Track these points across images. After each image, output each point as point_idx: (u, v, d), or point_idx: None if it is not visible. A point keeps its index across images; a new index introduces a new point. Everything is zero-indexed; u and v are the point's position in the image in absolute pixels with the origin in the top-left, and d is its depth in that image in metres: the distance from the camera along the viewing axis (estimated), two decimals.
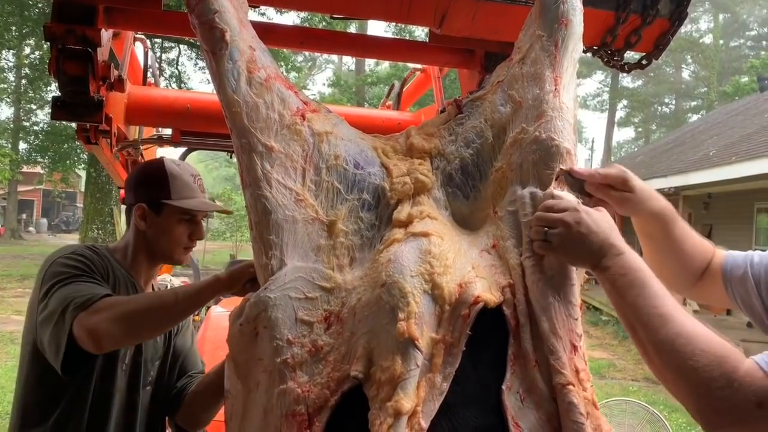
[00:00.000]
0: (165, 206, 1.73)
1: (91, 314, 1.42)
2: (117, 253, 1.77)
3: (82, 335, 1.42)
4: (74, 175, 28.23)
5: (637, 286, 1.09)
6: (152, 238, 1.75)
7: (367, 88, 26.45)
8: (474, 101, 1.50)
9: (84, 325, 1.42)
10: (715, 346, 0.96)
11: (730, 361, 0.92)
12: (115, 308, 1.44)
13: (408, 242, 1.28)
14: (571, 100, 1.42)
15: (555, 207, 1.22)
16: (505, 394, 1.16)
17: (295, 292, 1.27)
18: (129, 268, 1.76)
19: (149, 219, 1.74)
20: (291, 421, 1.16)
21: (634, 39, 1.91)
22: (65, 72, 1.58)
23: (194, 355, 1.95)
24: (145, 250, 1.77)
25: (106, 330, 1.41)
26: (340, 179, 1.39)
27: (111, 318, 1.42)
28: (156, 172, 1.75)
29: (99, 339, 1.42)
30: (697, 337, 0.98)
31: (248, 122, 1.33)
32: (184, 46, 18.48)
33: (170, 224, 1.74)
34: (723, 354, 0.94)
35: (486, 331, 1.20)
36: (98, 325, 1.41)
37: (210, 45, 1.32)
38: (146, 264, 1.80)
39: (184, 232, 1.76)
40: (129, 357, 1.70)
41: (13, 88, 24.44)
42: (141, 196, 1.75)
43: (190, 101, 2.33)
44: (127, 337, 1.49)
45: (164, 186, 1.72)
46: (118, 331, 1.43)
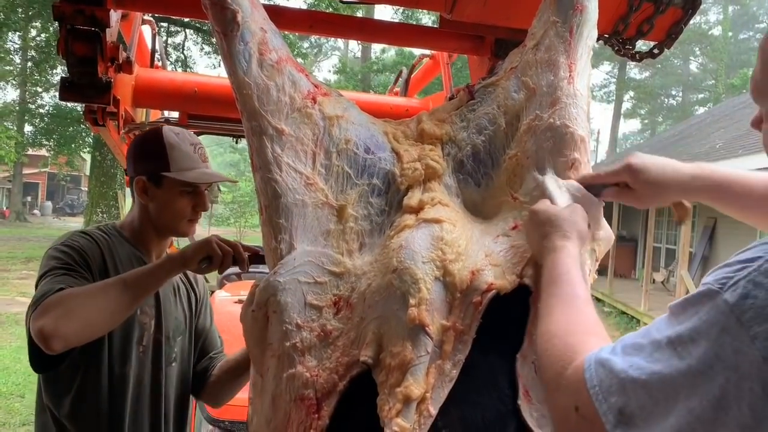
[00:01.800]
0: (164, 178, 1.66)
1: (39, 314, 1.35)
2: (125, 230, 1.73)
3: (34, 336, 1.36)
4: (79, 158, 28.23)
5: (546, 283, 1.05)
6: (155, 211, 1.70)
7: (373, 76, 26.33)
8: (486, 87, 1.49)
9: (33, 327, 1.35)
10: (567, 341, 0.87)
11: (564, 359, 0.83)
12: (63, 304, 1.36)
13: (420, 228, 1.27)
14: (585, 87, 1.40)
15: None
16: (519, 363, 1.16)
17: (304, 277, 1.27)
18: (137, 243, 1.72)
19: (150, 192, 1.68)
20: (299, 405, 1.16)
21: (647, 27, 1.89)
22: (74, 52, 1.57)
23: (214, 335, 1.94)
24: (150, 224, 1.72)
25: (51, 330, 1.33)
26: (351, 164, 1.38)
27: (57, 316, 1.34)
28: (153, 142, 1.68)
29: (46, 340, 1.33)
30: (557, 334, 0.90)
31: (259, 105, 1.32)
32: (190, 30, 18.42)
33: (172, 197, 1.67)
34: (562, 351, 0.85)
35: (498, 319, 1.19)
36: (43, 325, 1.33)
37: (221, 26, 1.31)
38: (154, 238, 1.75)
39: (187, 204, 1.70)
40: (148, 338, 1.66)
41: (18, 71, 24.40)
42: (140, 168, 1.69)
43: (198, 85, 2.32)
44: (77, 334, 1.38)
45: (162, 157, 1.65)
46: (68, 330, 1.34)
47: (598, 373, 0.75)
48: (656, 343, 0.72)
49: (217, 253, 1.50)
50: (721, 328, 0.66)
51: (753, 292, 0.65)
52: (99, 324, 1.42)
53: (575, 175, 1.32)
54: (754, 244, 0.70)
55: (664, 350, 0.70)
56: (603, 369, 0.75)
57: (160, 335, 1.69)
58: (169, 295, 1.75)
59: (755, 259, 0.67)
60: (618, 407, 0.72)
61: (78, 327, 1.36)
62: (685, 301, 0.72)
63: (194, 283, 1.89)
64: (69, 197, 42.34)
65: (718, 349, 0.66)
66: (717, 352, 0.66)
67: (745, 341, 0.63)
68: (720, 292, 0.67)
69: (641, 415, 0.70)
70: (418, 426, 1.10)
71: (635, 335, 0.76)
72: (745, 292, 0.65)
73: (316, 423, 1.14)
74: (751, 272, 0.66)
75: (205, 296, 1.94)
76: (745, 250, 0.70)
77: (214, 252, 1.49)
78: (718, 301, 0.67)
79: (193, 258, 1.49)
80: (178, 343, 1.77)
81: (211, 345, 1.91)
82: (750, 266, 0.66)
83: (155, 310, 1.69)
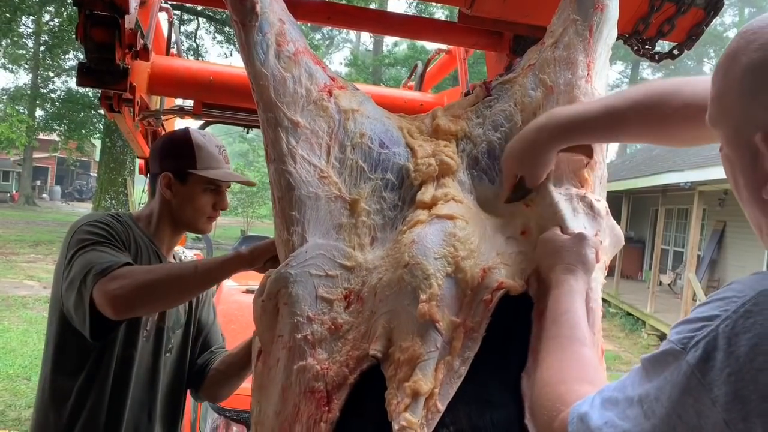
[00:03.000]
0: (190, 175, 1.74)
1: (110, 281, 1.43)
2: (141, 221, 1.78)
3: (101, 302, 1.43)
4: (89, 144, 28.34)
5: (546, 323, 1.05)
6: (177, 207, 1.76)
7: (384, 69, 26.28)
8: (503, 84, 1.47)
9: (103, 292, 1.43)
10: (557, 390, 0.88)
11: (552, 410, 0.84)
12: (134, 276, 1.44)
13: (432, 224, 1.26)
14: (603, 87, 1.39)
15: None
16: (524, 381, 1.16)
17: (315, 269, 1.27)
18: (152, 236, 1.77)
19: (174, 188, 1.75)
20: (309, 398, 1.17)
21: (667, 28, 1.87)
22: (92, 38, 1.57)
23: (216, 331, 1.98)
24: (169, 219, 1.78)
25: (123, 297, 1.42)
26: (365, 158, 1.37)
27: (129, 286, 1.42)
28: (182, 141, 1.77)
29: (116, 306, 1.43)
30: (549, 382, 0.91)
31: (275, 96, 1.32)
32: (202, 19, 18.42)
33: (195, 194, 1.75)
34: (552, 402, 0.86)
35: (509, 318, 1.19)
36: (116, 292, 1.41)
37: (240, 16, 1.30)
38: (169, 232, 1.81)
39: (209, 202, 1.77)
40: (151, 324, 1.72)
41: (31, 55, 24.49)
42: (167, 165, 1.76)
43: (213, 74, 2.31)
44: (144, 305, 1.50)
45: (190, 155, 1.74)
46: (136, 299, 1.44)
47: (579, 428, 0.76)
48: (629, 399, 0.73)
49: None
50: (684, 389, 0.66)
51: (713, 354, 0.64)
52: (166, 299, 1.53)
53: (590, 173, 1.31)
54: (711, 297, 0.70)
55: (634, 408, 0.71)
56: (582, 424, 0.76)
57: (162, 323, 1.75)
58: None
59: (713, 317, 0.66)
60: None
61: (148, 298, 1.47)
62: (653, 357, 0.73)
63: None
64: (78, 182, 42.55)
65: (681, 411, 0.66)
66: (680, 413, 0.66)
67: (706, 404, 0.63)
68: (683, 352, 0.67)
69: None
70: (425, 421, 1.10)
71: (614, 387, 0.77)
72: (704, 355, 0.65)
73: (326, 416, 1.15)
74: (710, 332, 0.65)
75: (207, 293, 1.97)
76: (704, 304, 0.70)
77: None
78: (681, 362, 0.67)
79: (261, 257, 1.53)
80: (176, 335, 1.83)
81: (212, 340, 1.94)
82: (708, 326, 0.66)
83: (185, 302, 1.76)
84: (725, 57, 0.78)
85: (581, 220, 1.24)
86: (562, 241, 1.15)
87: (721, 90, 0.78)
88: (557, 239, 1.16)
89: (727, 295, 0.67)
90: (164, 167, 1.76)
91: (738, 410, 0.61)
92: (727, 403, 0.62)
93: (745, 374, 0.61)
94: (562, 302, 1.05)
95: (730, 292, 0.68)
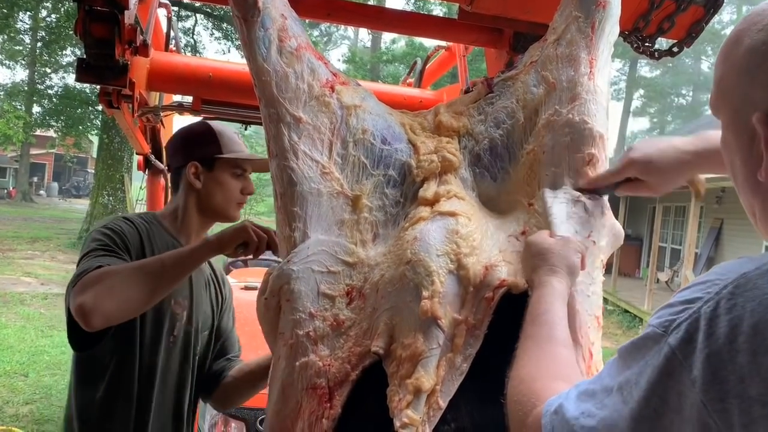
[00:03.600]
0: (217, 161, 1.73)
1: (79, 290, 1.36)
2: (165, 219, 1.76)
3: (74, 313, 1.37)
4: (87, 140, 28.27)
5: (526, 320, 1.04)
6: (206, 195, 1.74)
7: (382, 66, 26.23)
8: (505, 81, 1.47)
9: (73, 303, 1.37)
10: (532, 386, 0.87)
11: (527, 406, 0.83)
12: (102, 282, 1.37)
13: (434, 221, 1.26)
14: (606, 84, 1.39)
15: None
16: None
17: (317, 266, 1.27)
18: (177, 233, 1.74)
19: (203, 176, 1.73)
20: (312, 394, 1.17)
21: (667, 25, 1.87)
22: (91, 34, 1.56)
23: (234, 338, 1.94)
24: (197, 210, 1.76)
25: (90, 307, 1.34)
26: (367, 154, 1.37)
27: (96, 293, 1.35)
28: (203, 130, 1.77)
29: (85, 316, 1.34)
30: (525, 379, 0.90)
31: (277, 92, 1.31)
32: (200, 15, 18.36)
33: (224, 179, 1.74)
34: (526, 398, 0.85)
35: (510, 316, 1.19)
36: (83, 301, 1.34)
37: (242, 11, 1.30)
38: (197, 225, 1.78)
39: (237, 187, 1.76)
40: (179, 328, 1.69)
41: (28, 51, 24.39)
42: (192, 154, 1.74)
43: (213, 70, 2.31)
44: (114, 312, 1.39)
45: (214, 142, 1.73)
46: (108, 306, 1.36)
47: (552, 421, 0.75)
48: (607, 389, 0.72)
49: (253, 239, 1.51)
50: (665, 371, 0.66)
51: (694, 335, 0.64)
52: (137, 302, 1.43)
53: (593, 171, 1.31)
54: (693, 282, 0.70)
55: (613, 396, 0.71)
56: (557, 416, 0.75)
57: (190, 327, 1.72)
58: (201, 290, 1.78)
59: (695, 300, 0.66)
60: None
61: (117, 304, 1.38)
62: (632, 344, 0.72)
63: (222, 284, 1.91)
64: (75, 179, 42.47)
65: (662, 392, 0.66)
66: (660, 395, 0.66)
67: (687, 384, 0.63)
68: (664, 335, 0.67)
69: None
70: (427, 418, 1.10)
71: (590, 381, 0.76)
72: (686, 336, 0.65)
73: (328, 412, 1.14)
74: (692, 314, 0.65)
75: (230, 299, 1.95)
76: (685, 288, 0.70)
77: (249, 237, 1.51)
78: (662, 345, 0.67)
79: (230, 242, 1.51)
80: (204, 337, 1.80)
81: (230, 347, 1.91)
82: (690, 308, 0.66)
83: (188, 301, 1.72)
84: (728, 40, 0.77)
85: (572, 224, 1.24)
86: (548, 244, 1.15)
87: (722, 73, 0.78)
88: (543, 242, 1.16)
89: (709, 278, 0.67)
90: (189, 157, 1.73)
91: (716, 391, 0.61)
92: (705, 384, 0.62)
93: (724, 355, 0.61)
94: (542, 302, 1.05)
95: (712, 276, 0.68)
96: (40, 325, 8.11)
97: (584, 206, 1.27)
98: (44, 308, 9.02)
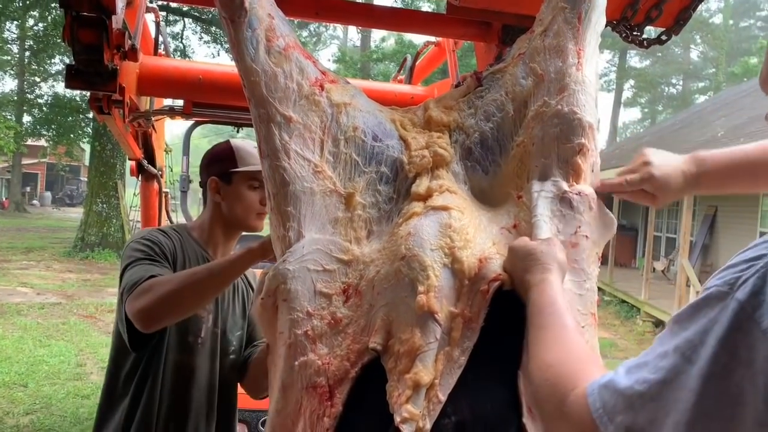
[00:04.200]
0: (234, 175, 1.86)
1: (135, 297, 1.53)
2: (194, 231, 1.90)
3: (131, 318, 1.54)
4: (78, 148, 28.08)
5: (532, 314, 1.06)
6: (227, 208, 1.88)
7: (372, 65, 26.20)
8: (494, 74, 1.48)
9: (131, 309, 1.53)
10: (565, 369, 0.87)
11: (565, 387, 0.83)
12: (155, 290, 1.53)
13: (428, 216, 1.26)
14: (594, 74, 1.40)
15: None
16: (521, 379, 1.16)
17: (313, 264, 1.27)
18: (205, 244, 1.89)
19: (222, 190, 1.87)
20: (312, 393, 1.17)
21: (655, 13, 1.88)
22: (79, 40, 1.55)
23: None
24: (221, 223, 1.90)
25: (147, 312, 1.51)
26: (359, 151, 1.37)
27: (152, 300, 1.51)
28: (222, 148, 1.91)
29: (143, 320, 1.52)
30: (553, 363, 0.90)
31: (267, 92, 1.31)
32: (188, 19, 18.30)
33: (241, 191, 1.86)
34: (563, 379, 0.85)
35: (506, 308, 1.19)
36: (141, 307, 1.51)
37: (229, 12, 1.30)
38: (223, 237, 1.92)
39: (255, 199, 1.87)
40: (206, 330, 1.82)
41: (16, 60, 24.27)
42: (212, 170, 1.89)
43: (203, 72, 2.30)
44: (168, 315, 1.57)
45: (231, 158, 1.86)
46: (160, 311, 1.53)
47: (601, 395, 0.75)
48: (661, 354, 0.72)
49: None
50: (734, 326, 0.66)
51: (763, 288, 0.66)
52: (188, 306, 1.60)
53: (582, 161, 1.31)
54: (754, 243, 0.72)
55: (670, 358, 0.71)
56: (606, 390, 0.75)
57: (216, 329, 1.85)
58: (228, 294, 1.91)
59: (761, 256, 0.68)
60: (625, 425, 0.72)
61: (170, 308, 1.54)
62: (690, 308, 0.73)
63: (252, 281, 2.03)
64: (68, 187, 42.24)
65: (732, 347, 0.66)
66: (731, 351, 0.66)
67: (758, 337, 0.64)
68: (729, 293, 0.68)
69: (652, 428, 0.70)
70: (427, 412, 1.11)
71: (638, 357, 0.76)
72: (755, 290, 0.66)
73: (329, 410, 1.15)
74: (759, 269, 0.67)
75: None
76: (747, 249, 0.71)
77: None
78: (727, 302, 0.68)
79: (272, 248, 1.55)
80: (237, 337, 1.93)
81: (257, 334, 2.01)
82: (757, 264, 0.68)
83: (213, 305, 1.84)
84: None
85: (555, 222, 1.25)
86: (533, 246, 1.17)
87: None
88: (528, 245, 1.18)
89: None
90: (210, 173, 1.89)
91: None
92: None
93: None
94: (545, 296, 1.06)
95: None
96: (37, 335, 8.07)
97: (570, 202, 1.27)
98: (41, 318, 8.98)
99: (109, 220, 15.72)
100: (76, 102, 20.02)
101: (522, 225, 1.29)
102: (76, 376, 6.59)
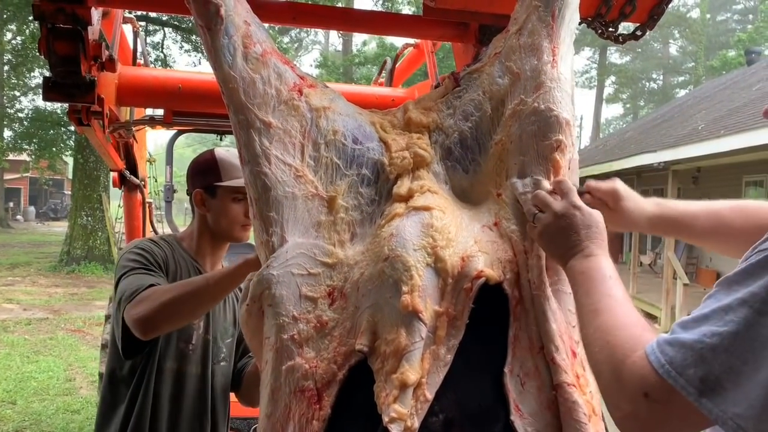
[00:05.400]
0: (218, 188, 1.88)
1: (135, 305, 1.57)
2: (184, 241, 1.94)
3: (130, 325, 1.59)
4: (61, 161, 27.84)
5: (585, 285, 1.06)
6: (212, 220, 1.91)
7: (355, 69, 26.24)
8: (471, 74, 1.49)
9: (129, 316, 1.58)
10: (629, 332, 0.89)
11: (626, 348, 0.86)
12: (154, 298, 1.57)
13: (410, 216, 1.27)
14: (569, 71, 1.41)
15: (556, 189, 1.22)
16: (507, 377, 1.17)
17: (297, 269, 1.27)
18: (195, 254, 1.93)
19: (207, 202, 1.90)
20: (300, 397, 1.17)
21: (629, 9, 1.90)
22: (56, 52, 1.55)
23: None
24: (208, 233, 1.93)
25: (147, 319, 1.55)
26: (339, 154, 1.38)
27: (151, 308, 1.55)
28: (206, 159, 1.94)
29: (143, 327, 1.56)
30: (608, 330, 0.92)
31: (245, 98, 1.32)
32: (168, 29, 18.22)
33: (226, 204, 1.89)
34: (625, 341, 0.87)
35: (490, 306, 1.20)
36: (141, 314, 1.55)
37: (205, 20, 1.30)
38: (210, 247, 1.95)
39: (240, 211, 1.89)
40: (197, 338, 1.85)
41: None
42: (197, 182, 1.92)
43: (182, 81, 2.30)
44: (166, 323, 1.60)
45: (215, 170, 1.89)
46: (159, 319, 1.56)
47: (665, 353, 0.77)
48: (724, 308, 0.74)
49: None
50: None
51: None
52: (186, 315, 1.64)
53: (561, 157, 1.33)
54: None
55: (737, 311, 0.73)
56: (671, 347, 0.77)
57: (208, 335, 1.89)
58: (219, 302, 1.93)
59: None
60: (699, 377, 0.74)
61: (169, 317, 1.57)
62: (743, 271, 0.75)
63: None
64: (52, 201, 41.85)
65: None
66: None
67: None
68: None
69: (729, 377, 0.72)
70: (415, 411, 1.11)
71: (690, 316, 0.78)
72: None
73: (318, 413, 1.15)
74: None
75: None
76: None
77: None
78: None
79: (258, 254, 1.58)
80: (227, 344, 1.97)
81: None
82: None
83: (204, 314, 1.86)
84: None
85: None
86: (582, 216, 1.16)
87: None
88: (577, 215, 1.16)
89: None
90: (195, 185, 1.92)
91: None
92: None
93: None
94: (605, 267, 1.07)
95: None
96: (25, 351, 7.99)
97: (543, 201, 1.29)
98: (28, 334, 8.89)
99: (95, 233, 15.60)
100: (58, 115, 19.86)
101: (502, 223, 1.30)
102: (65, 391, 6.54)
